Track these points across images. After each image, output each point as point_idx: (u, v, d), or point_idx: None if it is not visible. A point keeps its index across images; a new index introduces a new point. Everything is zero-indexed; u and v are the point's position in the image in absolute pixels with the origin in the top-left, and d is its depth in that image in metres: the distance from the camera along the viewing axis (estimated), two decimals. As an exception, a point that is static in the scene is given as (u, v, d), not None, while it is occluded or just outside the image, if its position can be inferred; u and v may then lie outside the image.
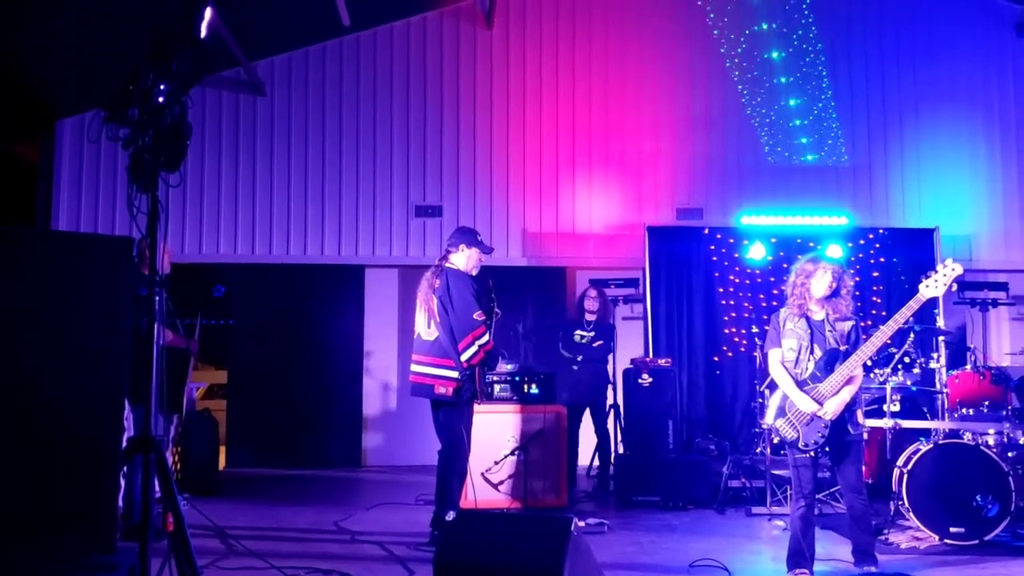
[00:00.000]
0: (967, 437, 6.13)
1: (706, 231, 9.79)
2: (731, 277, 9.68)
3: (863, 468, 5.10)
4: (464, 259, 5.95)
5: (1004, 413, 6.31)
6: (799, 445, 4.85)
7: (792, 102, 10.26)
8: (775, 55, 10.25)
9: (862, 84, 10.40)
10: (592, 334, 8.09)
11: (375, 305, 10.08)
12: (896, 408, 6.58)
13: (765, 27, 10.25)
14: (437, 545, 4.14)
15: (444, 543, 4.05)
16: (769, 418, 5.05)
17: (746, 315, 9.58)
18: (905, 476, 5.82)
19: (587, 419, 8.08)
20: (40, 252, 3.29)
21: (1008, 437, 6.28)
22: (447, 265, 5.93)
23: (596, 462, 8.22)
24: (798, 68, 10.30)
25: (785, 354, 4.96)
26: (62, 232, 8.52)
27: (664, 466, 7.36)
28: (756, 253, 9.48)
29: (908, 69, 10.45)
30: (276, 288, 10.03)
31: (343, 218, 10.01)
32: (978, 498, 5.66)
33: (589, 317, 8.15)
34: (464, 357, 5.72)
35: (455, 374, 5.72)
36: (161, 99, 3.43)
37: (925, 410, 7.42)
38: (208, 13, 3.46)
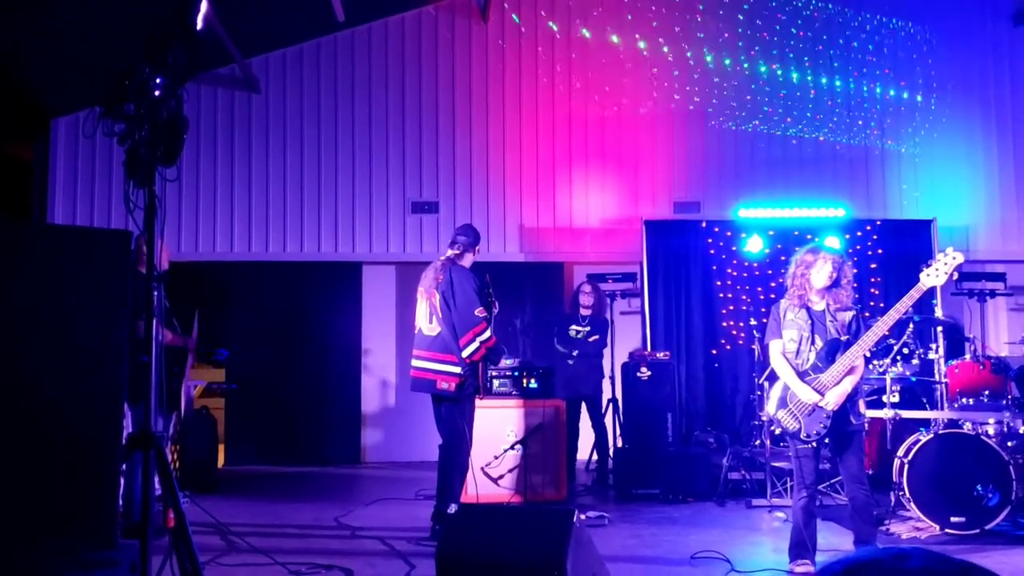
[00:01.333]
0: (967, 427, 6.13)
1: (703, 224, 9.76)
2: (729, 270, 9.65)
3: (864, 459, 5.09)
4: (471, 259, 6.10)
5: (1004, 403, 6.30)
6: (801, 436, 4.84)
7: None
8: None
9: (858, 74, 10.38)
10: (587, 329, 8.08)
11: (373, 302, 10.06)
12: (896, 399, 6.58)
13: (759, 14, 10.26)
14: (439, 539, 4.14)
15: (446, 537, 4.04)
16: (770, 409, 5.04)
17: (744, 308, 9.55)
18: (906, 466, 5.82)
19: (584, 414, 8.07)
20: (38, 247, 3.26)
21: (1008, 426, 6.27)
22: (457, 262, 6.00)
23: (595, 456, 8.22)
24: (795, 59, 10.29)
25: (786, 345, 4.95)
26: (59, 226, 8.46)
27: (663, 459, 7.37)
28: (754, 246, 9.46)
29: (905, 59, 10.43)
30: (273, 286, 9.99)
31: (340, 215, 9.98)
32: (979, 488, 5.66)
33: (584, 312, 8.15)
34: (466, 353, 5.73)
35: (457, 369, 5.73)
36: (157, 93, 3.41)
37: (924, 400, 7.41)
38: (204, 5, 3.44)
